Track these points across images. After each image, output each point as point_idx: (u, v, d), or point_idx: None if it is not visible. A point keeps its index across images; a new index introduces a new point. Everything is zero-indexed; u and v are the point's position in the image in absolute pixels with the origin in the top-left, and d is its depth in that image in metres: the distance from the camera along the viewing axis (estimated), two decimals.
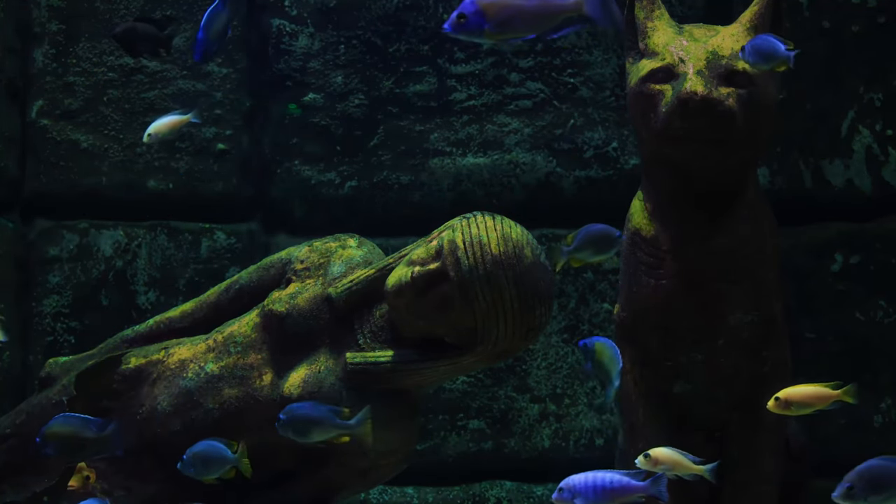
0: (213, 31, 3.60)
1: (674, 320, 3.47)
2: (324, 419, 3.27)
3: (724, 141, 3.35)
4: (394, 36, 4.59)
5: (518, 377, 4.54)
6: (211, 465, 3.31)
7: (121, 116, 4.57)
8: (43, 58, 4.58)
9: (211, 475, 3.32)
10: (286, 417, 3.28)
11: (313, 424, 3.28)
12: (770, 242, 3.54)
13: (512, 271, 3.32)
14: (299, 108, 4.60)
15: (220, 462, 3.31)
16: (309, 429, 3.29)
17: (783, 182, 4.50)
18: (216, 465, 3.31)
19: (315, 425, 3.28)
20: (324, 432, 3.28)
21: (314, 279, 3.57)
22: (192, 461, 3.31)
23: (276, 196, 4.62)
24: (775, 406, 3.21)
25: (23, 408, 3.74)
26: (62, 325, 4.53)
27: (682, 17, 4.35)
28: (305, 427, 3.29)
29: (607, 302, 4.52)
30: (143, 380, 3.62)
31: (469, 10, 3.02)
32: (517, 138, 4.57)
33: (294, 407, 3.29)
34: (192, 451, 3.32)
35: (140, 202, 4.59)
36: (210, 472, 3.32)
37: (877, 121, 4.47)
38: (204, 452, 3.32)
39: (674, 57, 3.40)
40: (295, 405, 3.30)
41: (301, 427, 3.29)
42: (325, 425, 3.28)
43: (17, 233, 4.57)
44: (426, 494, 4.52)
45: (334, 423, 3.27)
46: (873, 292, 4.45)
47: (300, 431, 3.29)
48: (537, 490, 4.52)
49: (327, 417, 3.27)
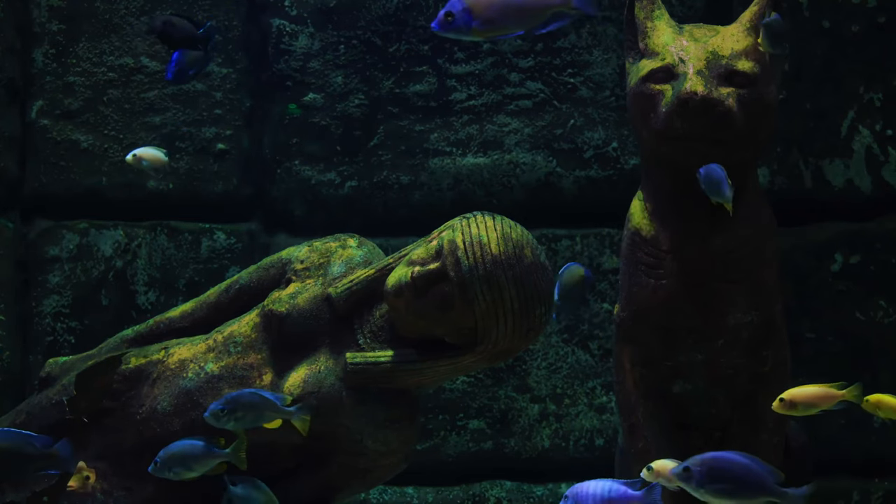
0: (189, 56, 3.58)
1: (674, 320, 3.47)
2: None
3: (723, 141, 3.36)
4: (394, 36, 4.59)
5: (518, 377, 4.54)
6: (192, 463, 3.29)
7: (121, 116, 4.57)
8: (43, 58, 4.58)
9: (194, 473, 3.30)
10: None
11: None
12: (770, 242, 3.54)
13: (512, 271, 3.33)
14: (299, 108, 4.60)
15: (204, 459, 3.30)
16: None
17: (783, 182, 4.50)
18: (199, 462, 3.29)
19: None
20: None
21: (314, 279, 3.57)
22: (168, 462, 3.29)
23: (276, 196, 4.62)
24: (780, 406, 3.21)
25: (23, 408, 3.73)
26: (62, 325, 4.53)
27: (682, 17, 4.35)
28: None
29: (607, 302, 4.52)
30: (143, 380, 3.62)
31: (456, 9, 3.03)
32: (517, 138, 4.57)
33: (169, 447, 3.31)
34: (167, 452, 3.30)
35: (140, 202, 4.59)
36: (193, 470, 3.30)
37: (877, 121, 4.47)
38: (181, 451, 3.30)
39: (674, 57, 3.40)
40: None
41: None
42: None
43: (17, 233, 4.57)
44: (426, 494, 4.52)
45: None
46: (873, 292, 4.45)
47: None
48: (537, 490, 4.52)
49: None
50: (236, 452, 3.31)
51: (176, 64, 3.59)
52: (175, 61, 3.59)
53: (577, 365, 4.55)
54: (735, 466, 3.02)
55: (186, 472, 3.31)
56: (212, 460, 3.31)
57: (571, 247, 4.55)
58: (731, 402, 3.53)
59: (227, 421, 3.28)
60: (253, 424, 3.30)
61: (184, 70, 3.59)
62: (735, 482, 3.02)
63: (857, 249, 4.47)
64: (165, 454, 3.30)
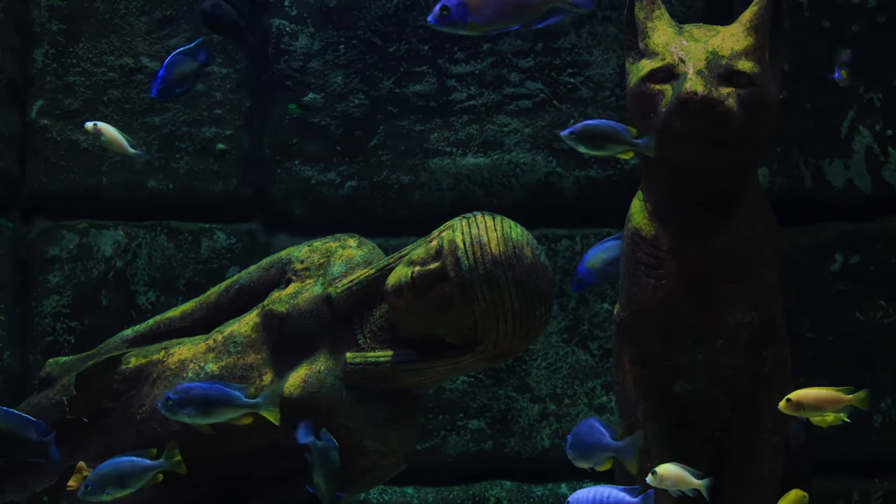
0: (176, 72, 3.52)
1: (674, 320, 3.47)
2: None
3: (723, 141, 3.35)
4: (394, 36, 4.59)
5: (518, 377, 4.54)
6: (126, 480, 3.25)
7: (121, 116, 4.57)
8: (43, 58, 4.58)
9: (130, 490, 3.26)
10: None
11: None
12: (770, 242, 3.54)
13: (512, 271, 3.33)
14: (299, 108, 4.60)
15: (137, 473, 3.25)
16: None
17: (783, 182, 4.50)
18: (132, 478, 3.25)
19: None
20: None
21: (314, 279, 3.57)
22: (101, 484, 3.25)
23: (276, 196, 4.62)
24: (787, 407, 3.22)
25: (23, 408, 3.73)
26: (62, 325, 4.53)
27: (682, 17, 4.35)
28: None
29: (607, 302, 4.52)
30: (143, 380, 3.62)
31: (452, 3, 3.04)
32: (517, 138, 4.57)
33: (190, 387, 3.26)
34: (97, 474, 3.26)
35: (140, 202, 4.59)
36: (128, 486, 3.26)
37: (877, 121, 4.47)
38: (113, 470, 3.26)
39: (674, 57, 3.40)
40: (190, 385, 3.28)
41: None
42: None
43: (17, 233, 4.57)
44: (426, 494, 4.52)
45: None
46: (873, 292, 4.45)
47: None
48: (537, 490, 4.52)
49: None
50: (171, 459, 3.27)
51: (161, 81, 3.52)
52: (161, 78, 3.52)
53: (577, 365, 4.55)
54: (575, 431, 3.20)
55: (122, 490, 3.26)
56: (146, 473, 3.27)
57: (571, 247, 4.55)
58: (731, 402, 3.53)
59: (176, 411, 3.26)
60: (213, 419, 3.27)
61: (169, 88, 3.53)
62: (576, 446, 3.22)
63: (857, 249, 4.47)
64: (95, 476, 3.26)
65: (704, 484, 3.16)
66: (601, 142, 3.24)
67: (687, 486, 3.18)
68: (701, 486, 3.16)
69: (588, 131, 3.23)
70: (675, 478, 3.18)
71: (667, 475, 3.17)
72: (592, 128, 3.23)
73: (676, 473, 3.18)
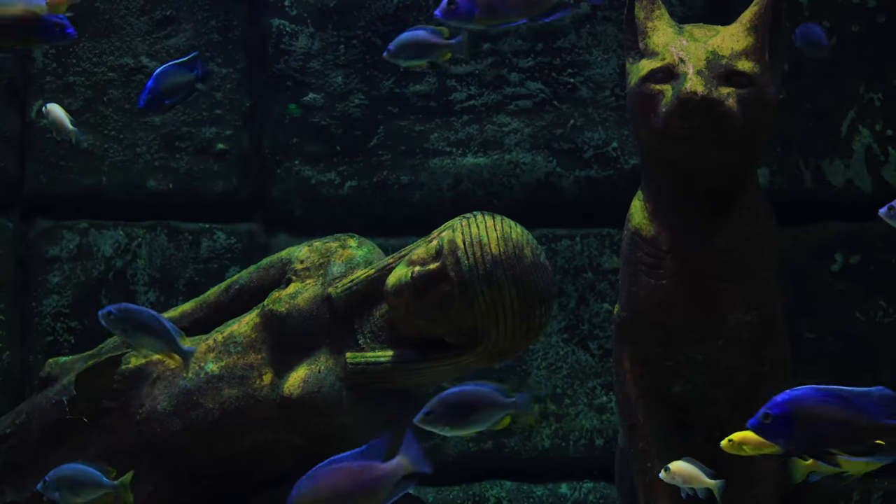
0: (166, 84, 3.39)
1: (674, 320, 3.47)
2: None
3: (724, 141, 3.35)
4: (394, 36, 4.58)
5: (518, 377, 4.54)
6: (80, 490, 3.21)
7: (121, 116, 4.57)
8: (43, 58, 4.58)
9: (80, 500, 3.21)
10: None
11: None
12: (770, 242, 3.54)
13: (512, 271, 3.33)
14: (299, 108, 4.60)
15: (92, 487, 3.21)
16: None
17: (783, 182, 4.50)
18: (86, 490, 3.21)
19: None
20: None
21: (314, 279, 3.57)
22: (56, 483, 3.21)
23: (276, 196, 4.62)
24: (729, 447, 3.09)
25: (23, 408, 3.74)
26: (62, 325, 4.53)
27: (682, 17, 4.35)
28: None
29: (607, 302, 4.52)
30: (143, 380, 3.62)
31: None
32: (517, 138, 4.57)
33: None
34: (57, 473, 3.23)
35: (140, 202, 4.59)
36: (79, 496, 3.21)
37: (877, 121, 4.47)
38: (72, 475, 3.22)
39: (674, 57, 3.40)
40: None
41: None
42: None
43: (17, 233, 4.57)
44: (426, 494, 4.52)
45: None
46: (873, 292, 4.45)
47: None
48: (537, 490, 4.52)
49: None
50: (122, 485, 3.22)
51: (149, 92, 3.39)
52: (148, 89, 3.39)
53: (577, 365, 4.55)
54: (469, 396, 3.12)
55: (72, 498, 3.22)
56: (98, 490, 3.22)
57: (571, 247, 4.55)
58: (731, 401, 3.53)
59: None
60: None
61: (158, 99, 3.39)
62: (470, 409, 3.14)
63: (857, 249, 4.46)
64: (56, 475, 3.22)
65: (718, 485, 3.15)
66: (418, 51, 3.38)
67: (700, 484, 3.16)
68: (714, 487, 3.15)
69: (401, 44, 3.40)
70: (688, 475, 3.16)
71: (680, 472, 3.15)
72: (405, 40, 3.40)
73: (690, 471, 3.16)
